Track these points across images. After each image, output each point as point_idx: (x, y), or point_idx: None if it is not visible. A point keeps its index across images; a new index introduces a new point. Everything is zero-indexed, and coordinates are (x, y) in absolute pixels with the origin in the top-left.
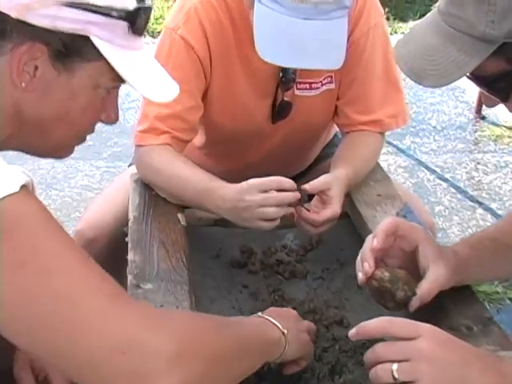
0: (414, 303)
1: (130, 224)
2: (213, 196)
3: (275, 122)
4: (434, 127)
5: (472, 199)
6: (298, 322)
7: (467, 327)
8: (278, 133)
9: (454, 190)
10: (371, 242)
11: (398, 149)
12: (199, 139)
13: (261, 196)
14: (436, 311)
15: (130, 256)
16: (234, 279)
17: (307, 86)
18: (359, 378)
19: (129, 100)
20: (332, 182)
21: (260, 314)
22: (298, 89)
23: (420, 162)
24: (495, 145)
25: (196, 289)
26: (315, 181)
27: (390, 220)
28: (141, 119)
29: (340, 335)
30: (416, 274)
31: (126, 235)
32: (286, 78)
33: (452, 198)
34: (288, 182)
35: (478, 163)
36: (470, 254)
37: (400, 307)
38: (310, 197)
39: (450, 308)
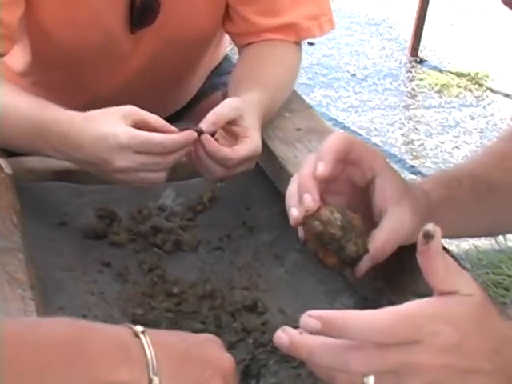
0: (364, 265)
1: None
2: (52, 134)
3: (135, 30)
4: (354, 75)
5: (412, 170)
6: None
7: None
8: (141, 49)
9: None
10: (314, 166)
11: None
12: (22, 60)
13: (138, 160)
14: (396, 272)
15: None
16: (90, 255)
17: None
18: (286, 380)
19: None
20: (243, 107)
21: (140, 330)
22: None
23: (336, 123)
24: (440, 97)
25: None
26: (217, 109)
27: (340, 136)
28: None
29: (253, 325)
30: (367, 219)
31: None
32: None
33: None
34: (178, 143)
35: (418, 122)
36: (444, 195)
37: (343, 267)
38: None
39: (416, 268)
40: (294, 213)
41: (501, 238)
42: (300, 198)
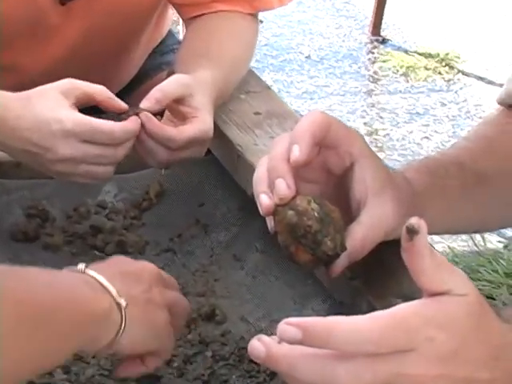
0: (340, 263)
1: None
2: None
3: (65, 1)
4: (308, 57)
5: None
6: (157, 290)
7: None
8: (72, 23)
9: None
10: (287, 148)
11: None
12: None
13: (84, 150)
14: (376, 272)
15: None
16: (20, 259)
17: None
18: None
19: None
20: (193, 84)
21: (83, 267)
22: None
23: None
24: (406, 81)
25: None
26: (162, 85)
27: (319, 116)
28: None
29: (212, 335)
30: (343, 212)
31: None
32: None
33: None
34: (129, 132)
35: (382, 109)
36: (430, 184)
37: (316, 265)
38: None
39: (398, 267)
40: (265, 200)
41: (479, 238)
42: (271, 184)
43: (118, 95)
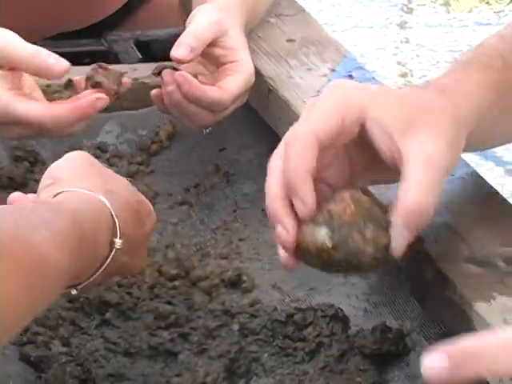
0: (399, 243)
1: None
2: None
3: None
4: None
5: None
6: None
7: (506, 259)
8: None
9: None
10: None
11: None
12: None
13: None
14: (440, 234)
15: None
16: None
17: None
18: (286, 379)
19: None
20: (223, 18)
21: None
22: None
23: None
24: (447, 12)
25: None
26: (194, 27)
27: (309, 138)
28: None
29: (239, 305)
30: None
31: None
32: None
33: None
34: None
35: (419, 46)
36: (481, 82)
37: (379, 263)
38: None
39: (466, 226)
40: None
41: None
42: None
43: (113, 18)
